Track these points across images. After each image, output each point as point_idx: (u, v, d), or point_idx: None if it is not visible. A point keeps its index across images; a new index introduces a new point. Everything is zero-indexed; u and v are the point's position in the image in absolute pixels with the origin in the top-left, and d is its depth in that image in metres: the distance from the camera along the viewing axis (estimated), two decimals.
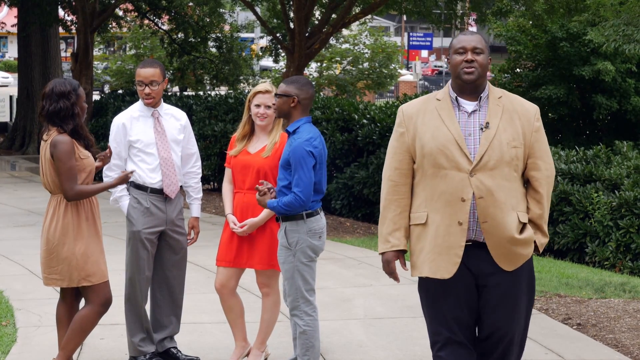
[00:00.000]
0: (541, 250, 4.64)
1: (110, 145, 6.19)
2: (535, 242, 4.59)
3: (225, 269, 6.18)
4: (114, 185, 5.90)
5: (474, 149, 4.50)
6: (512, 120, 4.55)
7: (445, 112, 4.57)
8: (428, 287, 4.60)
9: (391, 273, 4.68)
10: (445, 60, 4.69)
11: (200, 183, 6.48)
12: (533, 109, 4.65)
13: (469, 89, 4.56)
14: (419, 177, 4.60)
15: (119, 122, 6.24)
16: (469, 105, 4.58)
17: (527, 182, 4.63)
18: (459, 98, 4.58)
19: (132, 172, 5.95)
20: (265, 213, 6.00)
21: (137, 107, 6.30)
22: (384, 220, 4.67)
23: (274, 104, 5.87)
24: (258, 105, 6.08)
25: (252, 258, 6.10)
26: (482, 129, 4.52)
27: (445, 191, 4.49)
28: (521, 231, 4.53)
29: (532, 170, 4.59)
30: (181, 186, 6.36)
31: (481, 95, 4.58)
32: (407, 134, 4.62)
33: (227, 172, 6.27)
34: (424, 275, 4.55)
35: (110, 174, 6.20)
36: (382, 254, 4.68)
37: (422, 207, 4.57)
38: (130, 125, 6.22)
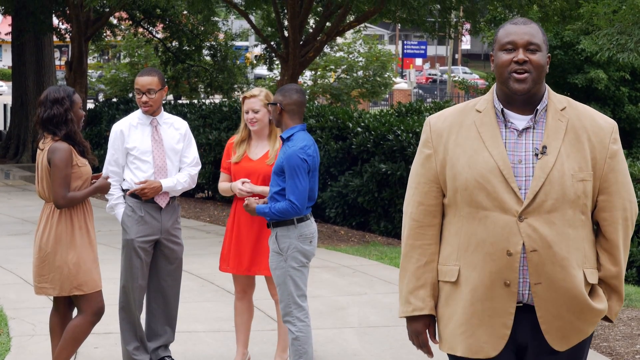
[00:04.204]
0: (614, 320, 3.45)
1: (108, 152, 6.23)
2: (607, 311, 3.40)
3: (241, 275, 6.24)
4: (96, 192, 5.77)
5: (525, 183, 3.30)
6: (580, 142, 3.34)
7: (487, 129, 3.36)
8: None
9: (421, 347, 3.54)
10: (490, 59, 3.49)
11: (190, 180, 6.28)
12: (609, 127, 3.43)
13: (521, 100, 3.36)
14: (450, 217, 3.44)
15: (117, 129, 6.27)
16: (519, 120, 3.36)
17: (596, 226, 3.44)
18: (505, 110, 3.37)
19: (107, 177, 5.90)
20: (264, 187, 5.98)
21: (136, 115, 6.33)
22: (404, 274, 3.51)
23: (267, 106, 5.96)
24: (247, 112, 6.13)
25: (259, 264, 6.13)
26: (536, 154, 3.31)
27: (485, 240, 3.31)
28: (591, 296, 3.35)
29: (603, 211, 3.39)
30: (176, 197, 6.33)
31: (537, 107, 3.36)
32: (435, 157, 3.43)
33: (223, 176, 6.25)
34: (458, 354, 3.40)
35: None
36: (407, 320, 3.52)
37: (452, 258, 3.41)
38: (128, 132, 6.24)
